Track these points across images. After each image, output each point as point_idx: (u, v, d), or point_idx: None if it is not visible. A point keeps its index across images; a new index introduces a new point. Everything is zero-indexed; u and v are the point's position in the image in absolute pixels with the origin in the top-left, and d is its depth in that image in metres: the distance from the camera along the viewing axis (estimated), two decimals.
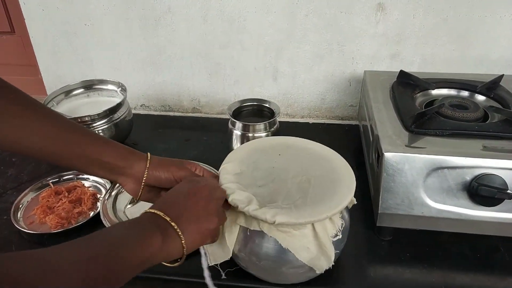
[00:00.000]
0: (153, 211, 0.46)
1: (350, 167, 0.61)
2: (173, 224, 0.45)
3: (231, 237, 0.56)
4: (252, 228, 0.54)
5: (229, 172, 0.60)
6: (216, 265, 0.61)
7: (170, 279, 0.64)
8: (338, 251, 0.58)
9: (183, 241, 0.45)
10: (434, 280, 0.63)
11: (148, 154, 0.58)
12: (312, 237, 0.54)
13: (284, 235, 0.53)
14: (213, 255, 0.57)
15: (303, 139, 0.69)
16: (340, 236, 0.57)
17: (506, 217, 0.61)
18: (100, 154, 0.53)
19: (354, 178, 0.58)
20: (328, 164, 0.62)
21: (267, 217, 0.51)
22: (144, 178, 0.56)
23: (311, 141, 0.68)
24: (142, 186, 0.56)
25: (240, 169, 0.61)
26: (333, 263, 0.55)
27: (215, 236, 0.51)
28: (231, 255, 0.57)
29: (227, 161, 0.63)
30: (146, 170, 0.56)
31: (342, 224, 0.57)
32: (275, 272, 0.57)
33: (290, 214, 0.52)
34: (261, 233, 0.54)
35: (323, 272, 0.55)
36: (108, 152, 0.54)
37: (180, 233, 0.45)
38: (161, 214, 0.45)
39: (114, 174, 0.56)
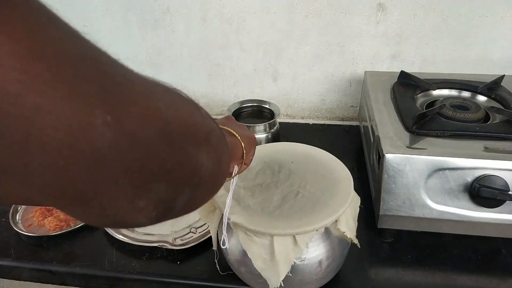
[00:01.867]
0: None
1: (355, 199, 0.56)
2: (224, 127, 0.49)
3: (213, 223, 0.57)
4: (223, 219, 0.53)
5: None
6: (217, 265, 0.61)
7: (170, 282, 0.63)
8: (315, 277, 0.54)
9: (238, 136, 0.48)
10: (436, 282, 0.62)
11: None
12: (269, 249, 0.51)
13: (246, 237, 0.52)
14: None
15: (332, 156, 0.64)
16: (306, 262, 0.53)
17: (508, 219, 0.61)
18: None
19: (342, 211, 0.53)
20: (333, 187, 0.57)
21: (227, 211, 0.51)
22: None
23: (337, 160, 0.63)
24: None
25: None
26: (282, 285, 0.51)
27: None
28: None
29: None
30: None
31: (306, 251, 0.52)
32: (239, 272, 0.57)
33: (248, 217, 0.51)
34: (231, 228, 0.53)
35: None
36: None
37: (234, 132, 0.48)
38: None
39: None
